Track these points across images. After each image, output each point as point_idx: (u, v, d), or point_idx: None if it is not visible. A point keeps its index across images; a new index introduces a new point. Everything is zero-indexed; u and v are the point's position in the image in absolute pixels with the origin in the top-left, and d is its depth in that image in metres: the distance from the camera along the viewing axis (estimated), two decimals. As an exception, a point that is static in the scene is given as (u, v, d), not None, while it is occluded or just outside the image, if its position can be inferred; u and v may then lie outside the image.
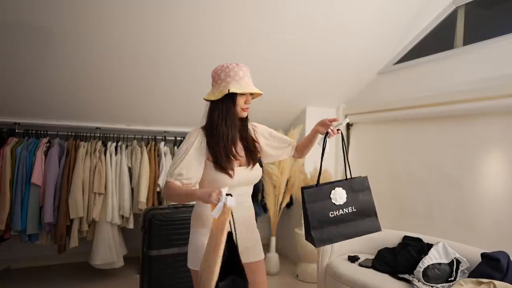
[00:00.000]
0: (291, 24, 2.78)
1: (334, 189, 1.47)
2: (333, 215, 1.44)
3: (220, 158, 1.44)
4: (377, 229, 1.52)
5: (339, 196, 1.46)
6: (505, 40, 2.55)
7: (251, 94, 1.52)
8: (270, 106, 3.51)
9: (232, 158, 1.46)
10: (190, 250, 1.52)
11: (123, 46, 2.65)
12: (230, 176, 1.44)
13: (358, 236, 1.49)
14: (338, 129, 1.55)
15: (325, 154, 1.52)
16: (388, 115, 3.36)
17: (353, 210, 1.47)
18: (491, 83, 2.52)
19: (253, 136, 1.62)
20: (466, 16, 2.98)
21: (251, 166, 1.53)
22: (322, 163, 1.54)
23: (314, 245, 1.45)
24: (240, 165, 1.51)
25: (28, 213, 2.99)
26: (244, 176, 1.51)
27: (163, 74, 3.01)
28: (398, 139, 3.33)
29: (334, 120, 1.55)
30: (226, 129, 1.46)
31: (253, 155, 1.55)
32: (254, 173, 1.55)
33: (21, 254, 3.51)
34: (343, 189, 1.47)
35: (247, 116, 1.57)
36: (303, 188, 1.47)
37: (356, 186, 1.51)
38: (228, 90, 1.41)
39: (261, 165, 1.59)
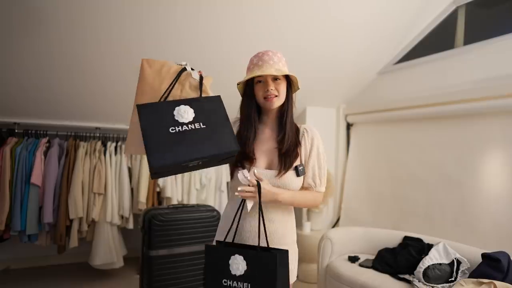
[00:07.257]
0: (290, 24, 2.77)
1: (178, 106, 1.19)
2: (174, 130, 1.15)
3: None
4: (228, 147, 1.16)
5: (183, 113, 1.18)
6: (505, 40, 2.55)
7: (277, 79, 1.30)
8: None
9: (247, 157, 1.29)
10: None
11: (121, 45, 2.64)
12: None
13: (209, 154, 1.15)
14: None
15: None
16: (388, 115, 3.36)
17: (202, 126, 1.18)
18: (491, 83, 2.52)
19: (300, 140, 1.38)
20: (467, 16, 2.98)
21: (282, 173, 1.27)
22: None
23: (151, 172, 1.16)
24: (266, 169, 1.30)
25: (27, 213, 2.98)
26: None
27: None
28: (398, 139, 3.32)
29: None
30: (243, 125, 1.34)
31: (287, 160, 1.29)
32: (282, 182, 1.27)
33: (20, 254, 3.50)
34: (191, 107, 1.19)
35: (286, 114, 1.36)
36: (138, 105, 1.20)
37: (208, 105, 1.23)
38: (238, 83, 1.35)
39: (298, 174, 1.30)
